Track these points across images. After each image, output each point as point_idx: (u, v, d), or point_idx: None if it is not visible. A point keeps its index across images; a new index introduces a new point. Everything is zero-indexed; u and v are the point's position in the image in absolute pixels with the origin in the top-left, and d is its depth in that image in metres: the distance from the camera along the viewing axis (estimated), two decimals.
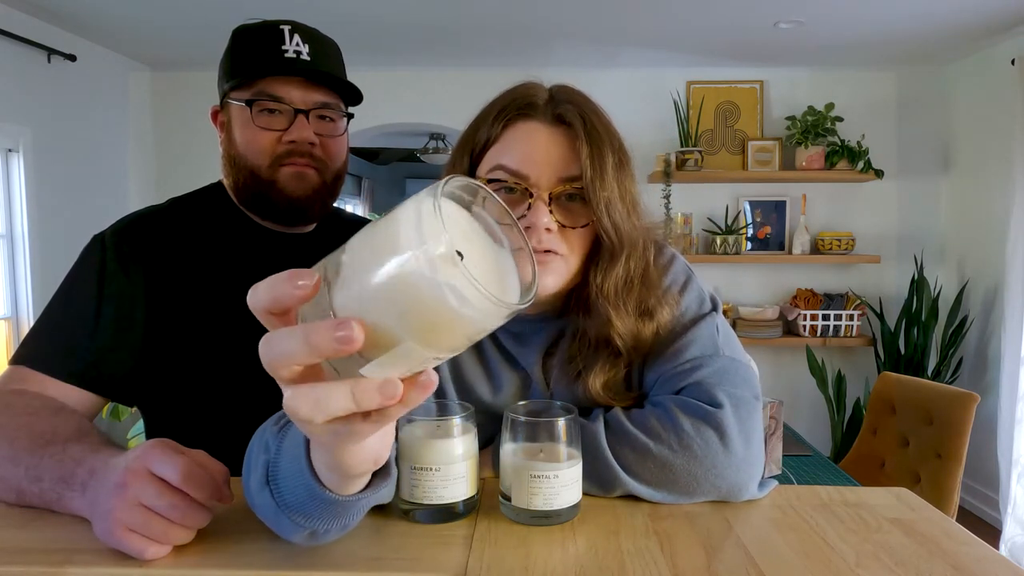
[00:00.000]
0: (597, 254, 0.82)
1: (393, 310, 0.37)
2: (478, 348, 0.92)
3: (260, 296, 0.41)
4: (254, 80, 1.02)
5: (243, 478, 0.65)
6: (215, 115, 1.10)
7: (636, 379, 0.89)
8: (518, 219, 0.73)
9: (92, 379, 0.95)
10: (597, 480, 0.79)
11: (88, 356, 0.95)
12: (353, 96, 1.09)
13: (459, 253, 0.36)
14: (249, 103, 1.02)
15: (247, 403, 1.05)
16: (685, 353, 0.84)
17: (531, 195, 0.79)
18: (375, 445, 0.50)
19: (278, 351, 0.40)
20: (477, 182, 0.43)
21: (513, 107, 0.82)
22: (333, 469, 0.52)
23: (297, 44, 1.02)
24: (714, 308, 0.89)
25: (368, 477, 0.58)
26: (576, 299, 0.86)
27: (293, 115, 1.02)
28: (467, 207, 0.43)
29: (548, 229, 0.78)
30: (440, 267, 0.35)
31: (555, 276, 0.81)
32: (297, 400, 0.42)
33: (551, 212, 0.78)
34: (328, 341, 0.37)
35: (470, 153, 0.84)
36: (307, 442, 0.55)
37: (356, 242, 0.39)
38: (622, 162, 0.82)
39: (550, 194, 0.79)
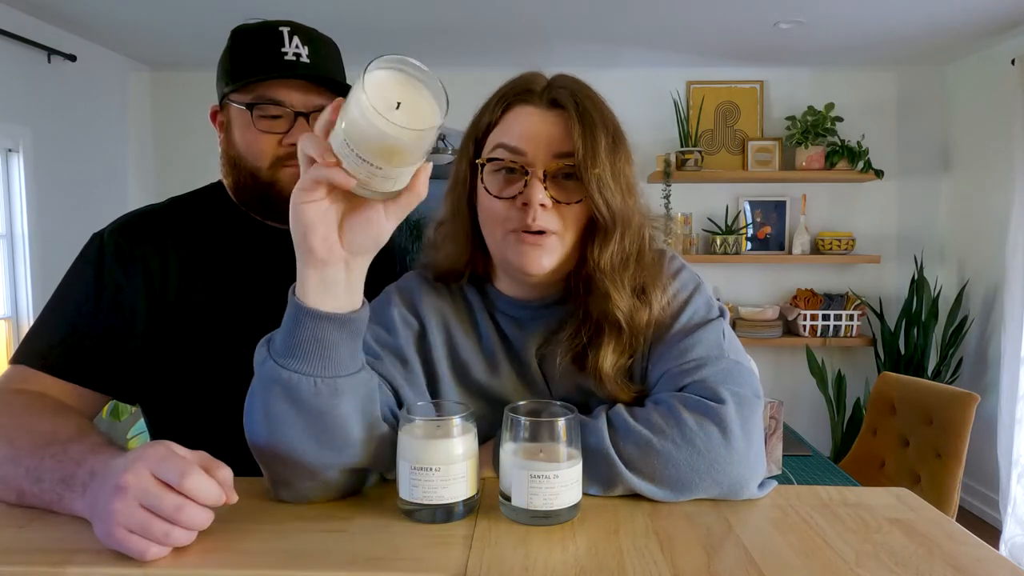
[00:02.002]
0: (593, 233, 0.85)
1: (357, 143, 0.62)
2: (475, 331, 0.94)
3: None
4: (254, 83, 1.02)
5: (246, 410, 0.77)
6: (214, 115, 1.10)
7: (639, 373, 0.90)
8: (515, 196, 0.82)
9: (93, 377, 0.95)
10: (598, 477, 0.79)
11: (88, 354, 0.95)
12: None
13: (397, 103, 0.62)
14: (250, 107, 1.01)
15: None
16: (690, 353, 0.85)
17: (527, 173, 0.82)
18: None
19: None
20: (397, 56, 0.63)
21: (512, 93, 0.87)
22: (322, 274, 0.71)
23: (296, 46, 1.01)
24: (721, 315, 0.91)
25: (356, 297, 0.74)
26: (576, 280, 0.88)
27: (294, 118, 1.02)
28: (398, 70, 0.64)
29: (543, 205, 0.81)
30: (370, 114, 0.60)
31: (549, 255, 0.83)
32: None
33: (546, 189, 0.82)
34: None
35: (474, 138, 0.89)
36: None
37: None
38: (616, 144, 0.84)
39: (545, 172, 0.82)
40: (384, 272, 1.17)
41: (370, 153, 0.62)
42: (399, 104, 0.62)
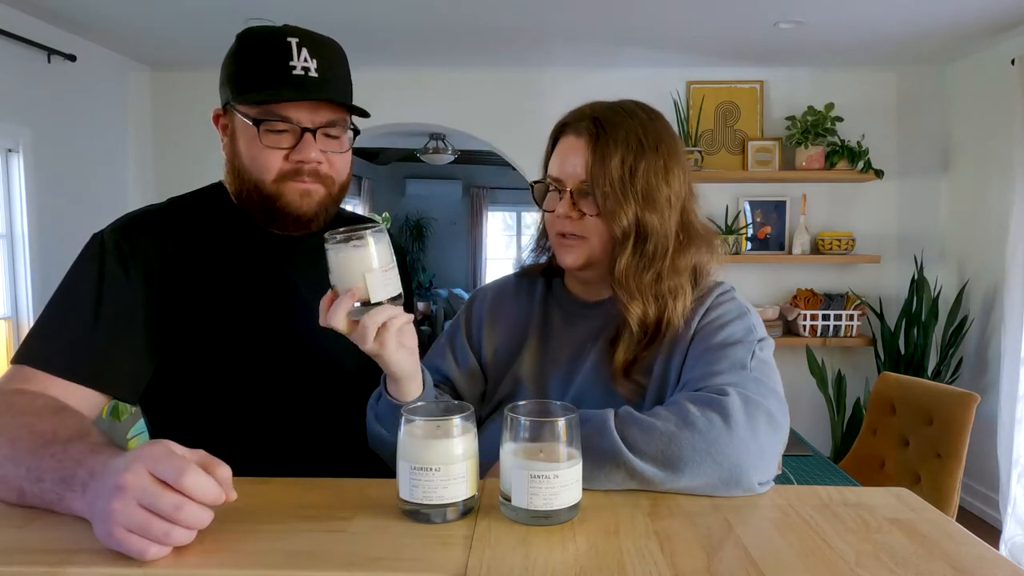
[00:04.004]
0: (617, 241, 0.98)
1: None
2: (522, 314, 1.10)
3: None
4: (261, 99, 1.00)
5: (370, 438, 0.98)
6: (216, 118, 1.09)
7: (659, 373, 0.98)
8: (554, 210, 1.01)
9: (94, 377, 0.95)
10: (601, 461, 0.80)
11: (89, 354, 0.95)
12: (359, 108, 1.08)
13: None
14: (256, 122, 0.99)
15: (248, 401, 1.05)
16: (713, 365, 0.91)
17: (560, 192, 0.99)
18: (407, 360, 0.89)
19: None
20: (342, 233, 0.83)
21: (559, 126, 1.04)
22: (394, 384, 0.91)
23: (305, 60, 0.99)
24: (760, 342, 0.96)
25: (416, 390, 0.92)
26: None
27: (300, 133, 1.00)
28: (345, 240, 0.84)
29: (569, 216, 0.98)
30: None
31: (578, 254, 1.00)
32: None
33: (574, 204, 0.98)
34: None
35: (545, 163, 1.06)
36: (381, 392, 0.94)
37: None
38: (638, 160, 0.96)
39: (571, 191, 0.98)
40: None
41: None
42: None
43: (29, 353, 0.95)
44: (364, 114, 1.07)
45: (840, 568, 0.65)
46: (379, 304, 0.84)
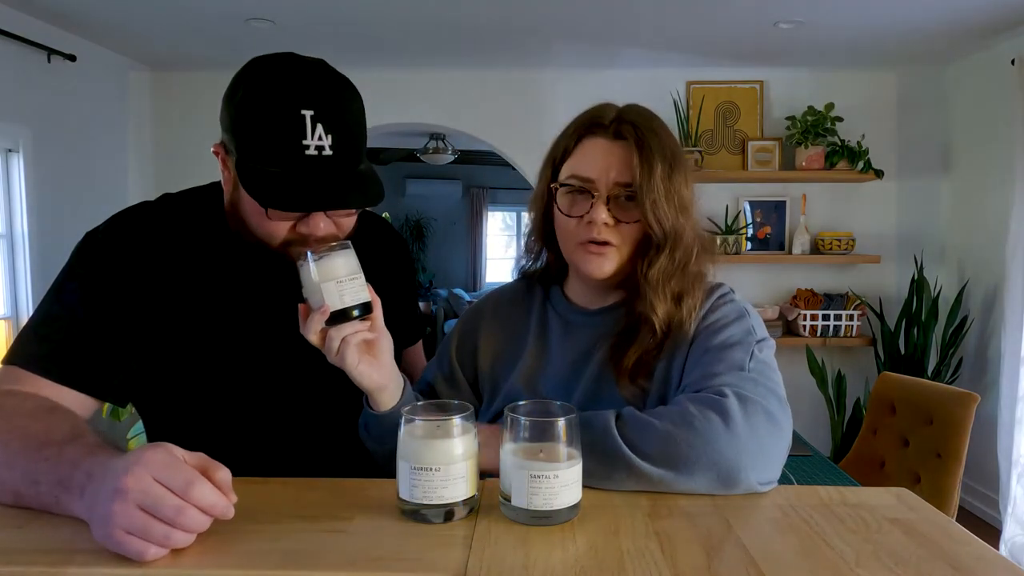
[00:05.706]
0: (647, 247, 0.97)
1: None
2: (519, 323, 1.10)
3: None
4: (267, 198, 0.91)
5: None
6: (216, 151, 1.00)
7: (660, 374, 0.97)
8: (583, 216, 0.97)
9: (85, 380, 0.94)
10: (600, 459, 0.81)
11: (81, 357, 0.94)
12: (373, 200, 0.99)
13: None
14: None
15: (245, 402, 1.05)
16: (713, 367, 0.92)
17: (593, 196, 0.95)
18: (371, 373, 0.89)
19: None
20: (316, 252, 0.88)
21: (584, 125, 1.00)
22: (369, 394, 0.92)
23: (319, 137, 0.90)
24: (760, 343, 0.96)
25: (388, 401, 0.92)
26: (626, 286, 1.01)
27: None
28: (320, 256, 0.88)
29: (606, 223, 0.95)
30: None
31: (609, 262, 0.97)
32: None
33: (609, 210, 0.95)
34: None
35: (552, 163, 1.02)
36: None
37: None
38: (673, 169, 0.96)
39: (608, 196, 0.95)
40: (394, 265, 1.21)
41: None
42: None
43: (20, 354, 0.94)
44: (379, 200, 1.00)
45: (840, 568, 0.65)
46: (346, 317, 0.85)
